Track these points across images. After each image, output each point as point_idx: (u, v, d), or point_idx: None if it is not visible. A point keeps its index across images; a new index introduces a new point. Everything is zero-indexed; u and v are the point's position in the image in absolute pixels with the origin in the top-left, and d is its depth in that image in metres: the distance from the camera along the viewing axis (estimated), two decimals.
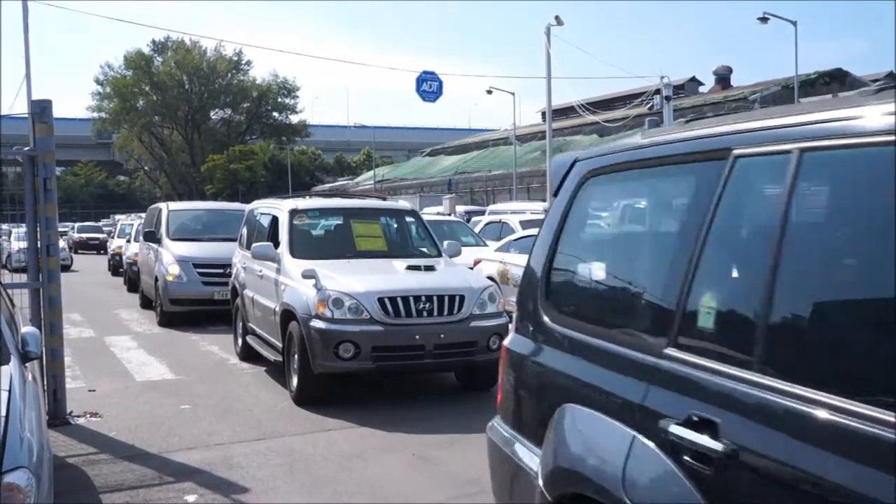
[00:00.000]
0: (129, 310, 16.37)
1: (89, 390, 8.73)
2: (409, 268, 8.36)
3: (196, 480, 5.77)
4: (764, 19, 32.48)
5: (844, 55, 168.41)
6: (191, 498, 5.45)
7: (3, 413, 3.72)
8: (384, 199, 12.54)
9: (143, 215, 34.71)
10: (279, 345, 8.55)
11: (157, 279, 14.48)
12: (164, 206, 16.39)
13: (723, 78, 50.05)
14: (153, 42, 79.28)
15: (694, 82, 52.04)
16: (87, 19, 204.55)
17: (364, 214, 10.03)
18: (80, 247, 42.54)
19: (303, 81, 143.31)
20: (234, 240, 14.43)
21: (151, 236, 15.46)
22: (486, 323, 7.95)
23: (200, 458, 6.25)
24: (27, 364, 4.62)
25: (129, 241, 22.49)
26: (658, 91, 26.90)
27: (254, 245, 9.24)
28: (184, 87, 79.69)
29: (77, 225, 50.30)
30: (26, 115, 7.33)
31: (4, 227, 11.91)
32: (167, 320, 14.00)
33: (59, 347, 7.26)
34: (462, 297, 7.87)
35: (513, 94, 44.68)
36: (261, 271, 9.41)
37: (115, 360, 10.72)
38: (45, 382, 6.97)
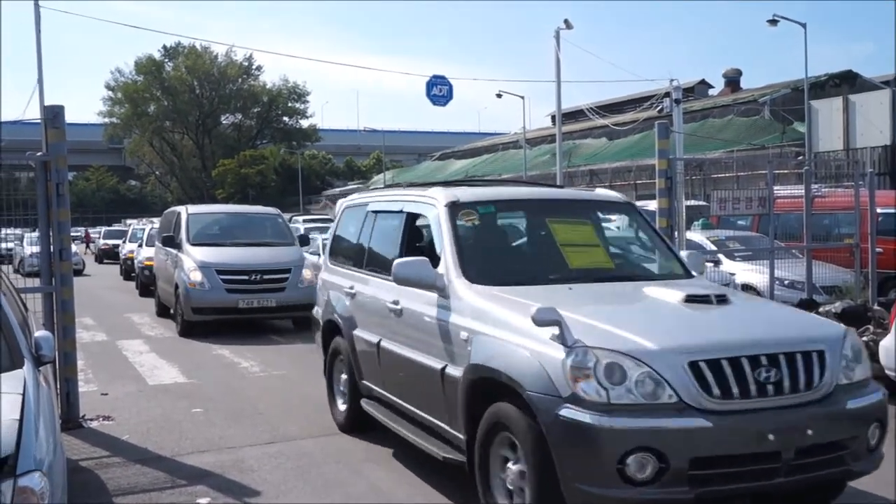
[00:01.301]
0: (141, 314, 16.44)
1: (102, 394, 8.78)
2: (690, 300, 4.89)
3: (208, 483, 5.80)
4: (773, 21, 32.36)
5: (854, 56, 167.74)
6: (203, 501, 5.48)
7: (18, 416, 3.75)
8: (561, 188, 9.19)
9: (155, 220, 34.60)
10: (457, 435, 5.15)
11: (176, 286, 13.63)
12: (183, 210, 15.25)
13: (732, 80, 49.91)
14: (164, 47, 79.66)
15: (703, 85, 51.89)
16: (98, 25, 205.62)
17: (566, 210, 6.41)
18: (106, 256, 36.38)
19: (313, 86, 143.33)
20: (258, 244, 14.16)
21: (170, 241, 14.43)
22: (861, 402, 4.52)
23: (212, 462, 6.28)
24: (41, 368, 4.65)
25: (140, 245, 22.50)
26: (667, 94, 26.88)
27: (397, 263, 5.51)
28: (194, 92, 79.96)
29: (103, 230, 43.56)
30: (39, 121, 7.37)
31: (17, 231, 12.00)
32: (188, 330, 13.27)
33: (72, 351, 7.31)
34: (821, 355, 4.48)
35: (522, 97, 44.87)
36: (398, 303, 5.88)
37: (127, 364, 10.77)
38: (59, 386, 7.01)
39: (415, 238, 6.42)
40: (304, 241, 15.38)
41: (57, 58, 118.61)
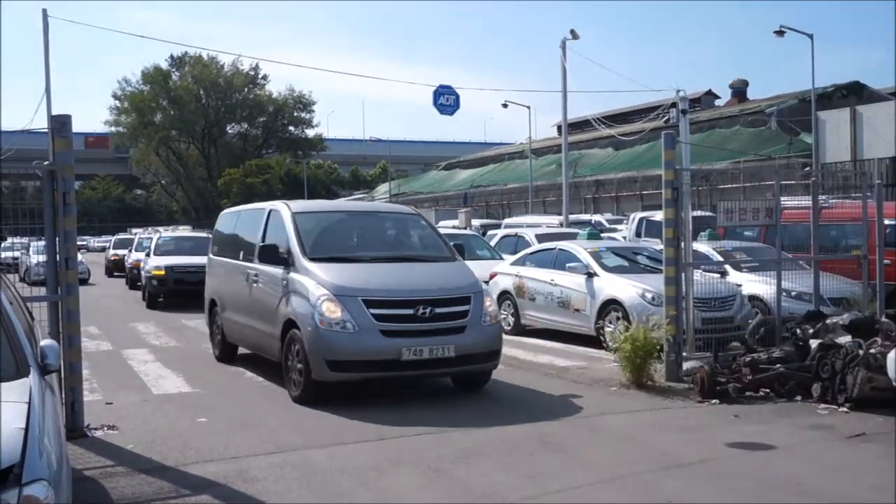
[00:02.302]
0: (146, 323, 16.44)
1: (107, 403, 8.76)
2: None
3: (213, 493, 5.78)
4: (780, 32, 32.39)
5: (862, 66, 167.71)
6: None
7: (23, 425, 3.75)
8: None
9: (161, 229, 34.24)
10: None
11: (289, 325, 8.83)
12: (283, 208, 9.96)
13: (739, 91, 50.03)
14: (171, 57, 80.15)
15: (710, 96, 52.01)
16: (105, 34, 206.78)
17: None
18: (117, 269, 31.69)
19: (319, 95, 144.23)
20: (407, 259, 9.65)
21: (272, 254, 9.39)
22: None
23: (217, 471, 6.26)
24: (46, 377, 4.65)
25: (148, 255, 21.83)
26: (674, 104, 26.86)
27: None
28: (201, 102, 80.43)
29: (113, 239, 38.39)
30: (46, 130, 7.40)
31: (23, 240, 11.98)
32: (315, 395, 8.51)
33: (78, 361, 7.30)
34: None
35: (528, 107, 44.97)
36: None
37: (132, 373, 10.76)
38: (64, 395, 7.00)
39: None
40: (462, 252, 10.48)
41: (64, 67, 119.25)
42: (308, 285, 8.69)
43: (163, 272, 19.78)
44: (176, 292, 19.84)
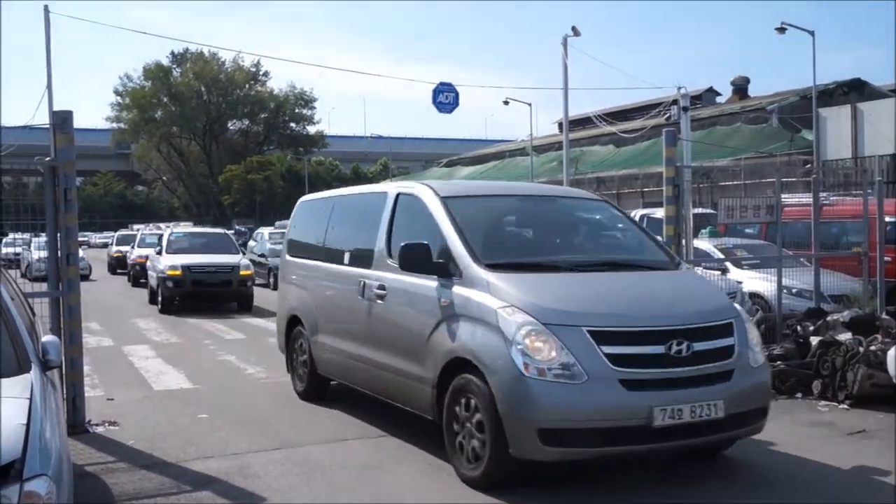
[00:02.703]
0: (146, 319, 16.45)
1: (108, 399, 8.78)
2: None
3: (214, 489, 5.79)
4: (782, 29, 32.33)
5: (863, 63, 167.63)
6: None
7: (25, 421, 3.75)
8: None
9: (164, 225, 33.83)
10: None
11: (456, 365, 5.92)
12: (427, 191, 6.93)
13: (740, 88, 49.87)
14: (172, 54, 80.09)
15: (711, 93, 51.86)
16: (107, 31, 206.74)
17: None
18: (120, 266, 30.81)
19: (320, 92, 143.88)
20: (625, 266, 6.63)
21: (419, 259, 6.29)
22: None
23: (218, 468, 6.27)
24: (48, 373, 4.66)
25: (160, 252, 19.74)
26: (675, 101, 26.90)
27: None
28: (202, 98, 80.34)
29: (116, 235, 37.19)
30: (47, 126, 7.42)
31: (25, 236, 11.99)
32: (507, 477, 5.66)
33: (79, 356, 7.32)
34: None
35: (529, 104, 44.76)
36: None
37: (133, 370, 10.78)
38: (65, 391, 7.01)
39: None
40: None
41: (66, 63, 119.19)
42: (495, 307, 5.68)
43: (179, 272, 17.82)
44: (194, 295, 18.09)
